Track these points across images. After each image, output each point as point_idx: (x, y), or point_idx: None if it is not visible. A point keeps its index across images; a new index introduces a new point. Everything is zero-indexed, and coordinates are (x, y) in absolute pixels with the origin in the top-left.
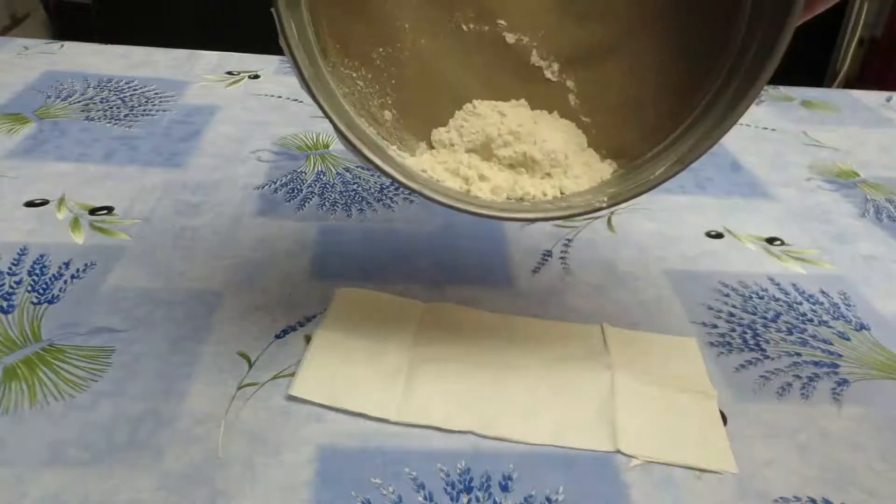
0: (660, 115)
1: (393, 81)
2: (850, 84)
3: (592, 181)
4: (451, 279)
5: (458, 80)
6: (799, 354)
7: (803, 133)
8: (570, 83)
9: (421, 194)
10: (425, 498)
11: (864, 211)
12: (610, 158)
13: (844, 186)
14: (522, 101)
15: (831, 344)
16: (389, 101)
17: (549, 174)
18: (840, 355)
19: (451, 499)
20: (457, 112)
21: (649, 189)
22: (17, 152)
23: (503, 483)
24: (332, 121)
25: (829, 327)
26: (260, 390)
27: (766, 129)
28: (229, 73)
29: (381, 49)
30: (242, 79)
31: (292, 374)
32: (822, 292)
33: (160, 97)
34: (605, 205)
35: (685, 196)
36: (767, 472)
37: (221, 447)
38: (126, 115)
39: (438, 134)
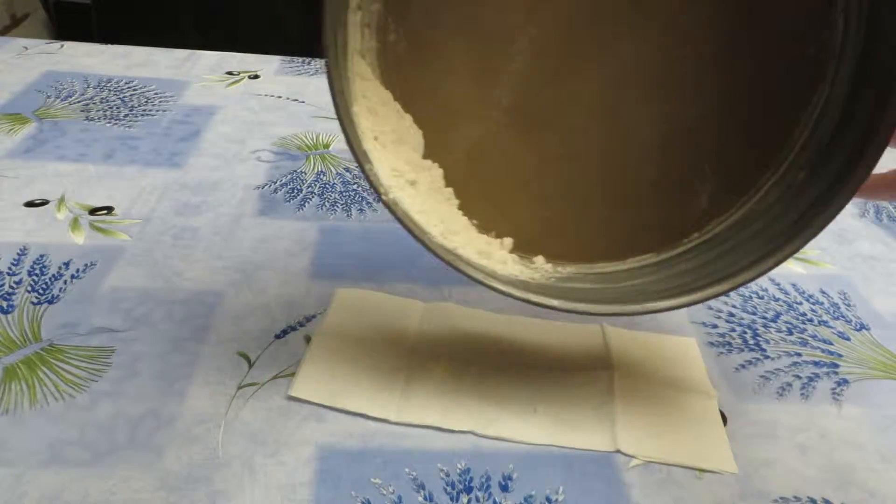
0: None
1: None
2: None
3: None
4: (451, 279)
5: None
6: (799, 354)
7: None
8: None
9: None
10: (425, 498)
11: (864, 211)
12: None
13: None
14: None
15: (831, 344)
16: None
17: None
18: (840, 355)
19: (451, 499)
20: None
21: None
22: (17, 152)
23: (503, 483)
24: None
25: (829, 327)
26: (260, 390)
27: None
28: (229, 73)
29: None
30: (242, 79)
31: (292, 374)
32: (822, 292)
33: (160, 97)
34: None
35: None
36: (767, 472)
37: (221, 447)
38: (126, 115)
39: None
